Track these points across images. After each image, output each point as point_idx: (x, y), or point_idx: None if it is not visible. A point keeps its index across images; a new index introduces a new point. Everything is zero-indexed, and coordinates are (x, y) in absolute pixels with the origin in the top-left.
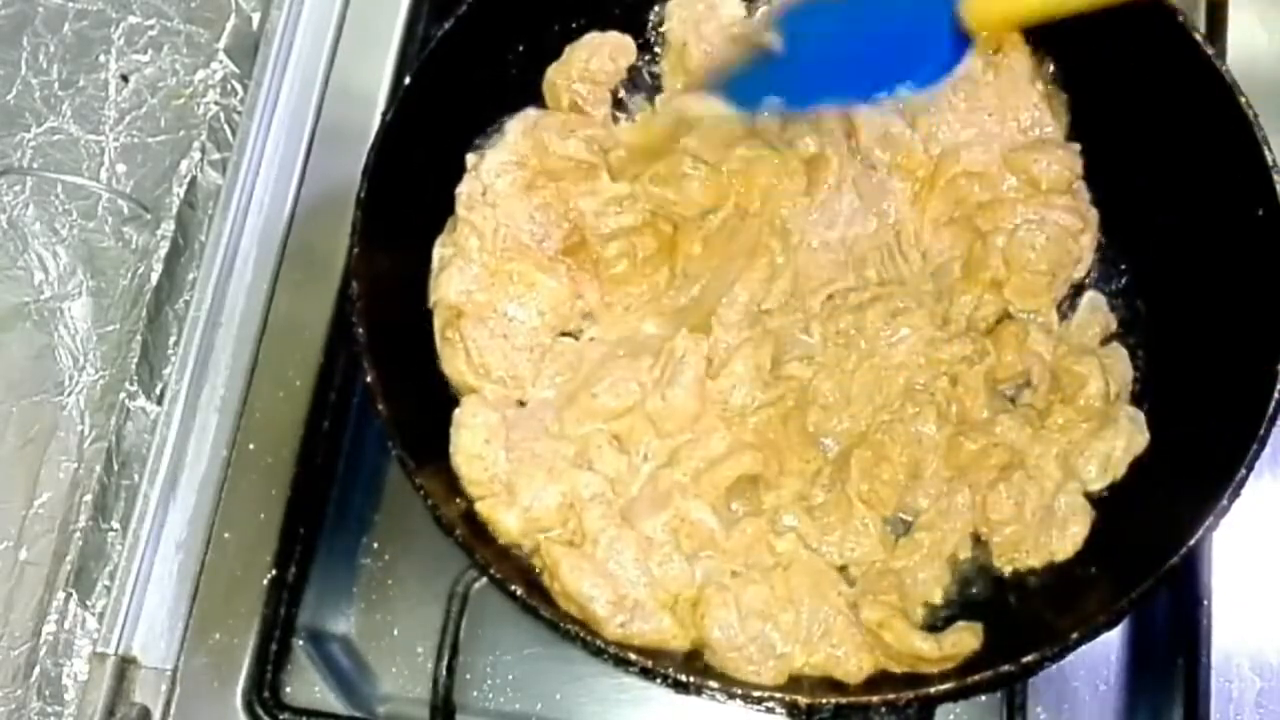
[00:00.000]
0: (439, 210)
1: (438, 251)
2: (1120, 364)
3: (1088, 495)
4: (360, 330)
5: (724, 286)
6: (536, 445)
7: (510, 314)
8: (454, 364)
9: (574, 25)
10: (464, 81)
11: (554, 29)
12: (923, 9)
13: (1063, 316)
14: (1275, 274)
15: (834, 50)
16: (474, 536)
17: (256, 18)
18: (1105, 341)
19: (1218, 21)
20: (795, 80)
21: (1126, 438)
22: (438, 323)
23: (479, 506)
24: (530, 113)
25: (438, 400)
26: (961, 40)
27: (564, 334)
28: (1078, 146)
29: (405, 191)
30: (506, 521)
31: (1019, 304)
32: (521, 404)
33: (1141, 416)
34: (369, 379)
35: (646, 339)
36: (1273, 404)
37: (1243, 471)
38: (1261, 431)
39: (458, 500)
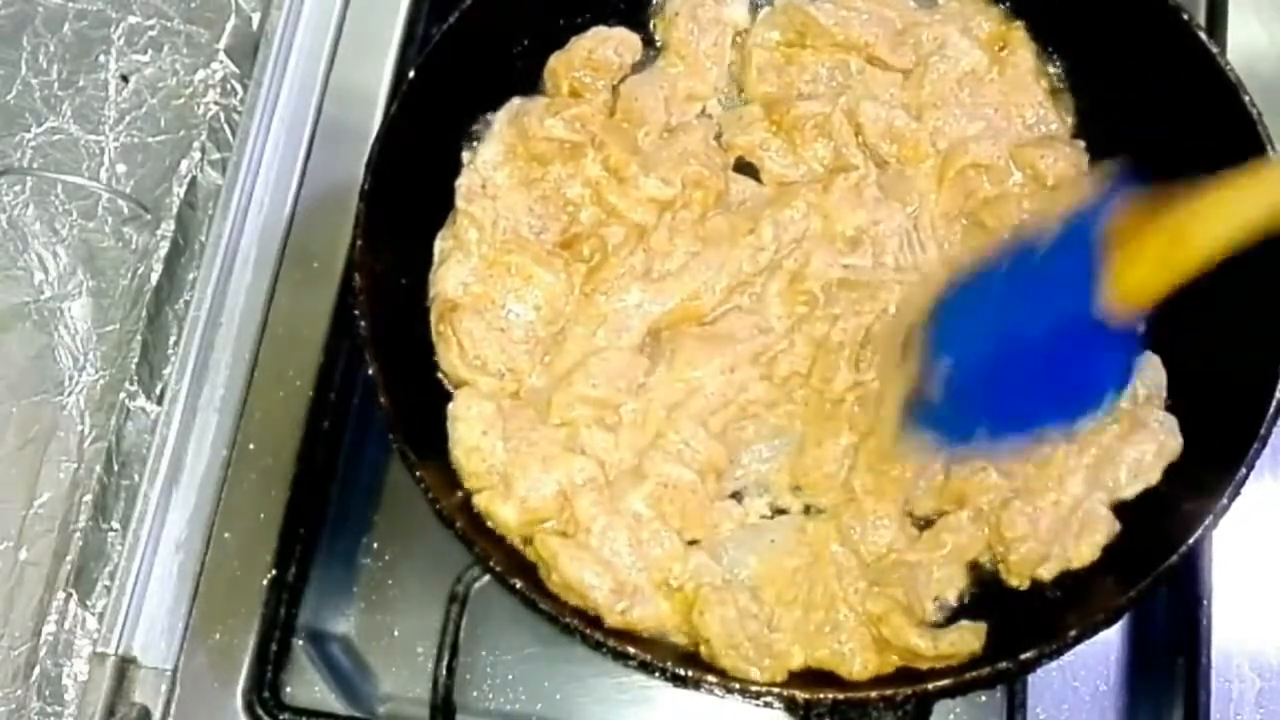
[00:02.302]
0: (442, 204)
1: (438, 245)
2: (1150, 368)
3: (1117, 502)
4: (363, 322)
5: (705, 266)
6: (532, 434)
7: (508, 306)
8: (447, 358)
9: (579, 20)
10: (468, 75)
11: (559, 23)
12: (1067, 315)
13: None
14: (1277, 274)
15: (1005, 373)
16: (474, 529)
17: (256, 18)
18: None
19: (1218, 21)
20: (993, 408)
21: (1157, 443)
22: (433, 316)
23: (477, 500)
24: (515, 101)
25: (439, 393)
26: (1127, 337)
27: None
28: (1083, 144)
29: (408, 185)
30: (504, 514)
31: None
32: (517, 395)
33: (1174, 421)
34: (371, 370)
35: (631, 319)
36: (1273, 404)
37: (1243, 471)
38: (1262, 431)
39: (458, 493)
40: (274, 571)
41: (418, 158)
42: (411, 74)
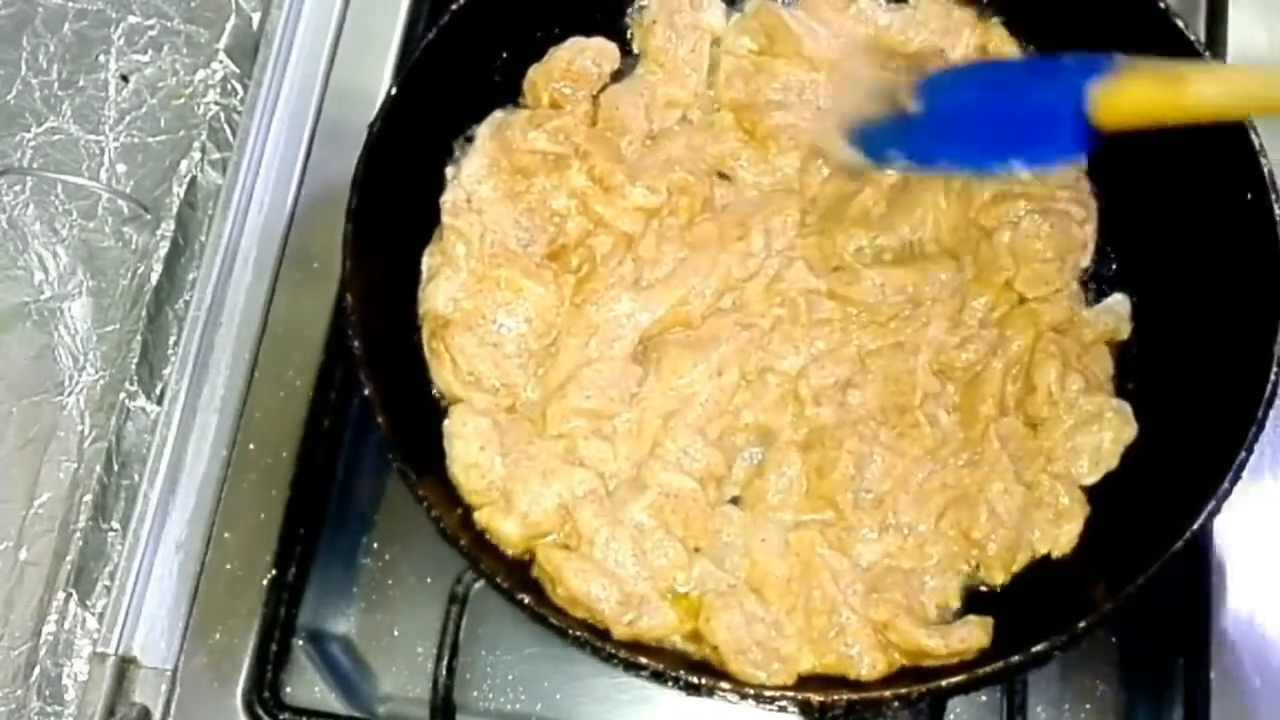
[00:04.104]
0: (430, 220)
1: (426, 261)
2: (1101, 358)
3: (1083, 488)
4: (356, 343)
5: (693, 272)
6: (530, 448)
7: (499, 321)
8: (441, 375)
9: (556, 31)
10: (448, 90)
11: (537, 35)
12: (1054, 97)
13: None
14: (1265, 257)
15: (964, 120)
16: (477, 545)
17: (256, 18)
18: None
19: (1218, 22)
20: (922, 141)
21: (1114, 429)
22: (425, 334)
23: (477, 516)
24: (496, 115)
25: (437, 409)
26: (1086, 134)
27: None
28: None
29: (396, 201)
30: (506, 529)
31: (1031, 293)
32: (512, 409)
33: (1128, 407)
34: (366, 391)
35: (622, 328)
36: (1270, 384)
37: (1243, 454)
38: (1259, 414)
39: (458, 510)
40: (274, 571)
41: (403, 174)
42: (392, 90)
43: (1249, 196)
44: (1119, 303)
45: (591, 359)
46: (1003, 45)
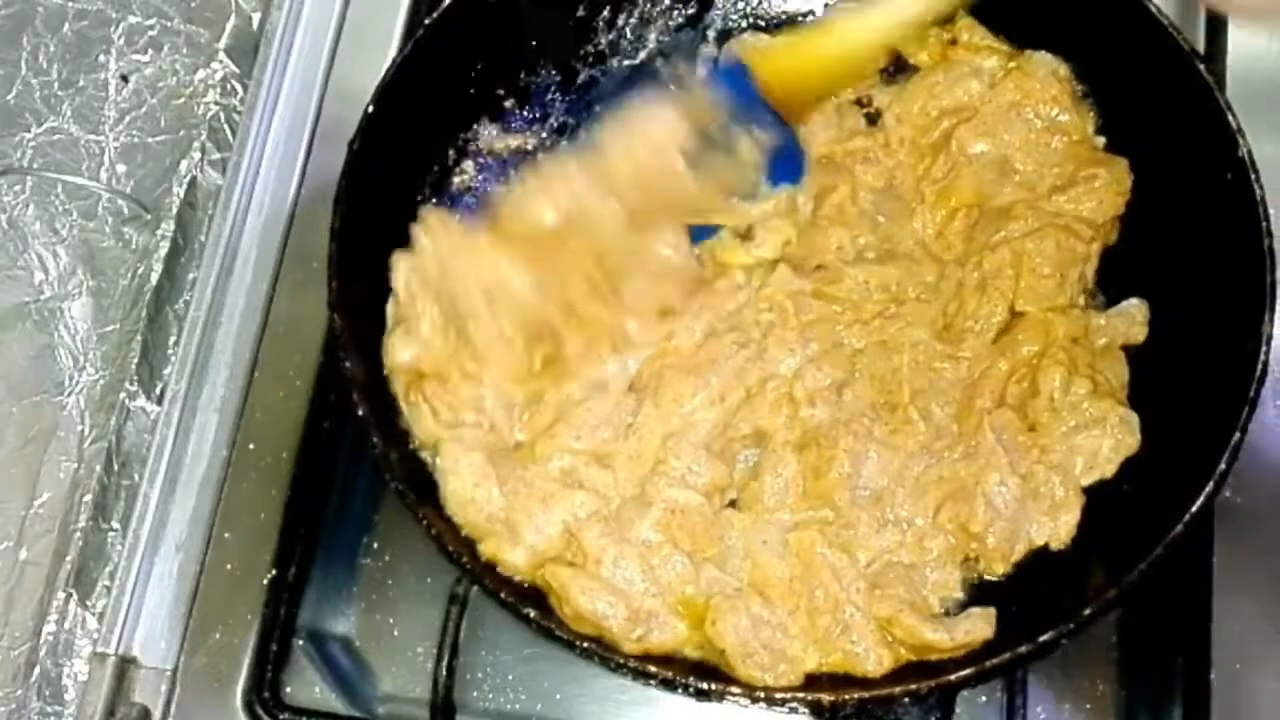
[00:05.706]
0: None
1: (390, 309)
2: (1115, 363)
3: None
4: (348, 364)
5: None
6: (527, 474)
7: (473, 372)
8: (423, 424)
9: (532, 42)
10: (426, 103)
11: (509, 44)
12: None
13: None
14: (1249, 239)
15: None
16: (481, 566)
17: (256, 18)
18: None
19: (1218, 21)
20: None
21: (1116, 438)
22: (399, 387)
23: (482, 549)
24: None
25: None
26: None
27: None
28: None
29: (380, 218)
30: (514, 559)
31: (1030, 308)
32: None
33: (1135, 418)
34: (360, 412)
35: (609, 377)
36: (1260, 363)
37: (1237, 434)
38: (1252, 393)
39: (462, 531)
40: (274, 571)
41: (385, 190)
42: (370, 108)
43: (1229, 177)
44: (1134, 306)
45: (579, 400)
46: (974, 34)
